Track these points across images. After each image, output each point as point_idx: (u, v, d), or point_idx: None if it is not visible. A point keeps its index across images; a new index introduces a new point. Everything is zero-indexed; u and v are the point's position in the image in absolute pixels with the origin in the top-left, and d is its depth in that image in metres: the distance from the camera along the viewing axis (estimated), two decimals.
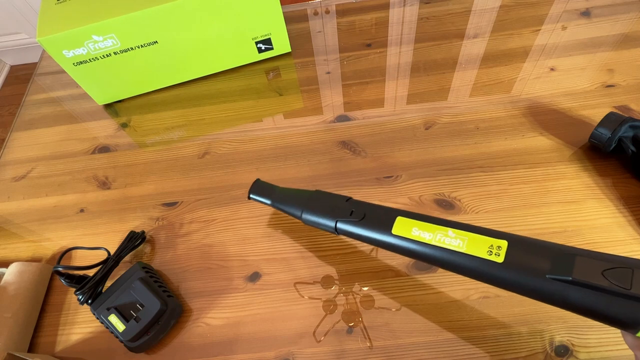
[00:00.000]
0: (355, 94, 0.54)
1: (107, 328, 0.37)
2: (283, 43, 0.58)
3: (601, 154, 0.44)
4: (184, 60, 0.55)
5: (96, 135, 0.55)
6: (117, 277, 0.39)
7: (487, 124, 0.49)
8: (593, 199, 0.42)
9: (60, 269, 0.38)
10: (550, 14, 0.58)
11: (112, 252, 0.42)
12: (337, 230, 0.36)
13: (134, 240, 0.43)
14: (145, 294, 0.37)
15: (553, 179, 0.44)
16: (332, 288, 0.40)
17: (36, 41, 0.50)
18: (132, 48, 0.51)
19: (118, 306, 0.37)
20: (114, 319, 0.37)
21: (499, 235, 0.29)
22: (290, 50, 0.59)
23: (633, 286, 0.24)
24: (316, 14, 0.64)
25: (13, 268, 0.41)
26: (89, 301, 0.38)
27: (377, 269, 0.40)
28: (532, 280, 0.27)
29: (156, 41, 0.51)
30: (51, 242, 0.46)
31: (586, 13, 0.58)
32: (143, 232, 0.44)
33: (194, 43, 0.53)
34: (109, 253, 0.42)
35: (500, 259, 0.28)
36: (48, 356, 0.38)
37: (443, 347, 0.36)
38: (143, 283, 0.38)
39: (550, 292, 0.26)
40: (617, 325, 0.25)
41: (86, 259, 0.45)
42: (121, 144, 0.54)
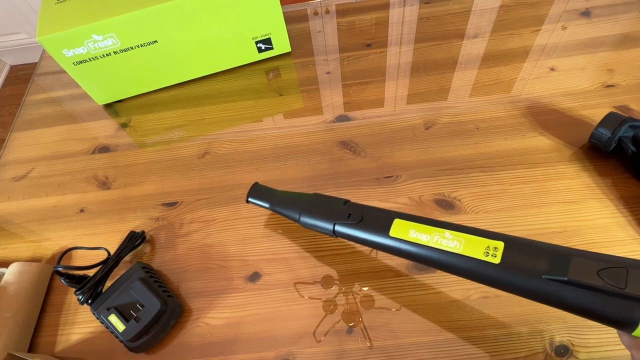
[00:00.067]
0: (355, 94, 0.54)
1: (107, 328, 0.37)
2: (283, 43, 0.58)
3: (601, 154, 0.44)
4: (184, 60, 0.55)
5: (96, 135, 0.55)
6: (117, 277, 0.39)
7: (487, 124, 0.49)
8: (593, 199, 0.42)
9: (60, 269, 0.38)
10: (550, 14, 0.58)
11: (112, 252, 0.42)
12: (335, 233, 0.36)
13: (134, 240, 0.43)
14: (145, 294, 0.37)
15: (553, 179, 0.44)
16: (332, 288, 0.40)
17: (36, 41, 0.50)
18: (132, 47, 0.51)
19: (118, 306, 0.37)
20: (114, 319, 0.37)
21: (496, 236, 0.29)
22: (290, 50, 0.59)
23: (628, 286, 0.24)
24: (316, 14, 0.64)
25: (13, 268, 0.41)
26: (89, 301, 0.38)
27: (377, 269, 0.40)
28: (529, 280, 0.27)
29: (156, 41, 0.51)
30: (51, 242, 0.46)
31: (586, 13, 0.58)
32: (143, 232, 0.44)
33: (194, 43, 0.53)
34: (109, 253, 0.42)
35: (496, 260, 0.28)
36: (48, 356, 0.38)
37: (443, 347, 0.36)
38: (143, 283, 0.38)
39: (546, 293, 0.27)
40: (613, 324, 0.25)
41: (86, 259, 0.45)
42: (121, 144, 0.54)
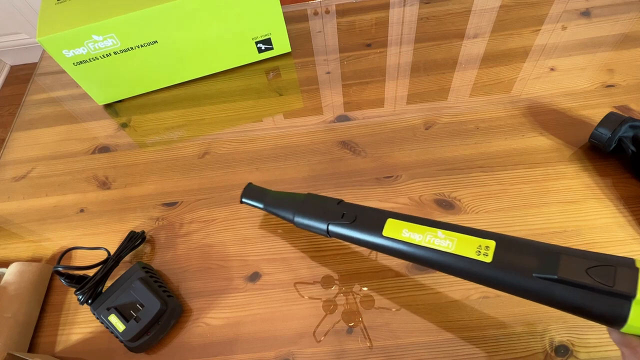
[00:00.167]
0: (355, 94, 0.54)
1: (107, 328, 0.37)
2: (283, 43, 0.58)
3: (601, 154, 0.44)
4: (184, 60, 0.55)
5: (96, 135, 0.55)
6: (117, 277, 0.39)
7: (487, 124, 0.49)
8: (593, 199, 0.42)
9: (60, 269, 0.38)
10: (550, 14, 0.58)
11: (112, 252, 0.42)
12: (329, 233, 0.36)
13: (134, 240, 0.43)
14: (145, 294, 0.37)
15: (553, 179, 0.44)
16: (332, 288, 0.40)
17: (36, 41, 0.50)
18: (132, 48, 0.51)
19: (118, 306, 0.37)
20: (114, 319, 0.37)
21: (487, 235, 0.29)
22: (290, 50, 0.59)
23: (616, 283, 0.24)
24: (316, 14, 0.64)
25: (13, 268, 0.41)
26: (89, 301, 0.38)
27: (377, 269, 0.40)
28: (520, 279, 0.27)
29: (156, 41, 0.51)
30: (51, 242, 0.46)
31: (586, 13, 0.58)
32: (143, 232, 0.44)
33: (194, 43, 0.53)
34: (109, 253, 0.42)
35: (488, 259, 0.28)
36: (48, 356, 0.38)
37: (443, 347, 0.36)
38: (143, 283, 0.38)
39: (537, 291, 0.27)
40: (602, 321, 0.26)
41: (86, 259, 0.45)
42: (121, 144, 0.54)
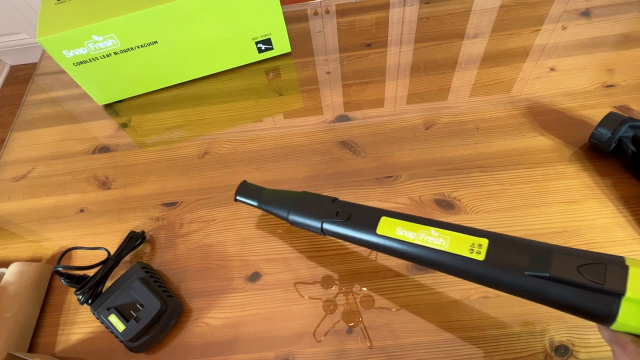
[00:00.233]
0: (355, 94, 0.54)
1: (107, 328, 0.37)
2: (283, 43, 0.58)
3: (601, 154, 0.44)
4: (184, 60, 0.55)
5: (96, 135, 0.55)
6: (117, 277, 0.39)
7: (487, 124, 0.49)
8: (593, 199, 0.42)
9: (60, 269, 0.38)
10: (550, 14, 0.58)
11: (112, 252, 0.42)
12: (324, 231, 0.36)
13: (134, 240, 0.43)
14: (145, 294, 0.37)
15: (553, 179, 0.44)
16: (332, 288, 0.40)
17: (36, 41, 0.50)
18: (132, 48, 0.51)
19: (118, 306, 0.37)
20: (114, 319, 0.37)
21: (480, 233, 0.30)
22: (290, 50, 0.59)
23: (606, 281, 0.24)
24: (316, 14, 0.64)
25: (13, 268, 0.41)
26: (89, 301, 0.38)
27: (377, 269, 0.40)
28: (512, 277, 0.27)
29: (156, 41, 0.51)
30: (51, 242, 0.46)
31: (586, 13, 0.58)
32: (143, 232, 0.44)
33: (194, 43, 0.53)
34: (109, 253, 0.42)
35: (481, 257, 0.28)
36: (48, 356, 0.38)
37: (443, 347, 0.36)
38: (143, 283, 0.38)
39: (529, 289, 0.27)
40: (593, 319, 0.26)
41: (86, 259, 0.45)
42: (121, 144, 0.54)
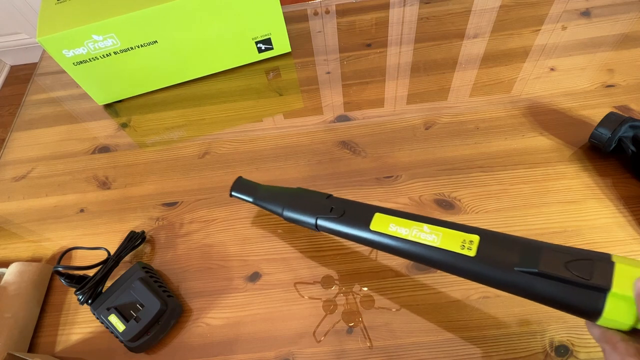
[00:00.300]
0: (355, 94, 0.54)
1: (107, 328, 0.37)
2: (283, 43, 0.58)
3: (601, 154, 0.44)
4: (184, 60, 0.55)
5: (96, 135, 0.55)
6: (117, 277, 0.39)
7: (487, 124, 0.49)
8: (593, 199, 0.42)
9: (60, 269, 0.38)
10: (550, 14, 0.58)
11: (112, 252, 0.42)
12: (318, 227, 0.36)
13: (134, 240, 0.43)
14: (145, 294, 0.37)
15: (553, 179, 0.44)
16: (332, 288, 0.40)
17: (36, 41, 0.50)
18: (132, 48, 0.51)
19: (118, 306, 0.37)
20: (114, 319, 0.37)
21: (472, 230, 0.30)
22: (290, 50, 0.59)
23: (593, 277, 0.25)
24: (316, 14, 0.64)
25: (13, 268, 0.41)
26: (89, 301, 0.38)
27: (377, 269, 0.40)
28: (502, 273, 0.28)
29: (156, 41, 0.51)
30: (51, 242, 0.46)
31: (586, 13, 0.58)
32: (143, 232, 0.44)
33: (194, 43, 0.53)
34: (109, 253, 0.42)
35: (472, 253, 0.29)
36: (48, 356, 0.38)
37: (443, 347, 0.36)
38: (143, 283, 0.38)
39: (518, 284, 0.27)
40: (580, 314, 0.26)
41: (86, 259, 0.45)
42: (121, 144, 0.54)
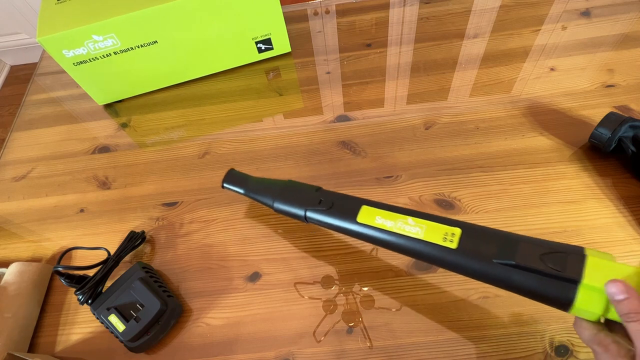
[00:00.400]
0: (355, 94, 0.54)
1: (107, 328, 0.37)
2: (283, 43, 0.58)
3: (601, 154, 0.44)
4: (184, 60, 0.55)
5: (96, 135, 0.55)
6: (117, 277, 0.39)
7: (487, 124, 0.49)
8: (593, 199, 0.42)
9: (60, 269, 0.38)
10: (550, 14, 0.58)
11: (112, 252, 0.42)
12: (307, 218, 0.37)
13: (134, 240, 0.43)
14: (145, 294, 0.37)
15: (553, 179, 0.44)
16: (332, 288, 0.40)
17: (36, 41, 0.51)
18: (132, 48, 0.51)
19: (118, 306, 0.37)
20: (114, 319, 0.37)
21: (454, 223, 0.31)
22: (290, 50, 0.59)
23: (566, 269, 0.26)
24: (316, 14, 0.64)
25: (13, 268, 0.41)
26: (89, 301, 0.38)
27: (377, 269, 0.40)
28: (481, 264, 0.29)
29: (156, 41, 0.51)
30: (51, 242, 0.46)
31: (586, 13, 0.58)
32: (143, 232, 0.44)
33: (194, 43, 0.53)
34: (109, 253, 0.42)
35: (454, 245, 0.30)
36: (48, 356, 0.38)
37: (443, 347, 0.36)
38: (143, 283, 0.38)
39: (496, 276, 0.29)
40: (554, 304, 0.27)
41: (86, 259, 0.45)
42: (121, 144, 0.54)
